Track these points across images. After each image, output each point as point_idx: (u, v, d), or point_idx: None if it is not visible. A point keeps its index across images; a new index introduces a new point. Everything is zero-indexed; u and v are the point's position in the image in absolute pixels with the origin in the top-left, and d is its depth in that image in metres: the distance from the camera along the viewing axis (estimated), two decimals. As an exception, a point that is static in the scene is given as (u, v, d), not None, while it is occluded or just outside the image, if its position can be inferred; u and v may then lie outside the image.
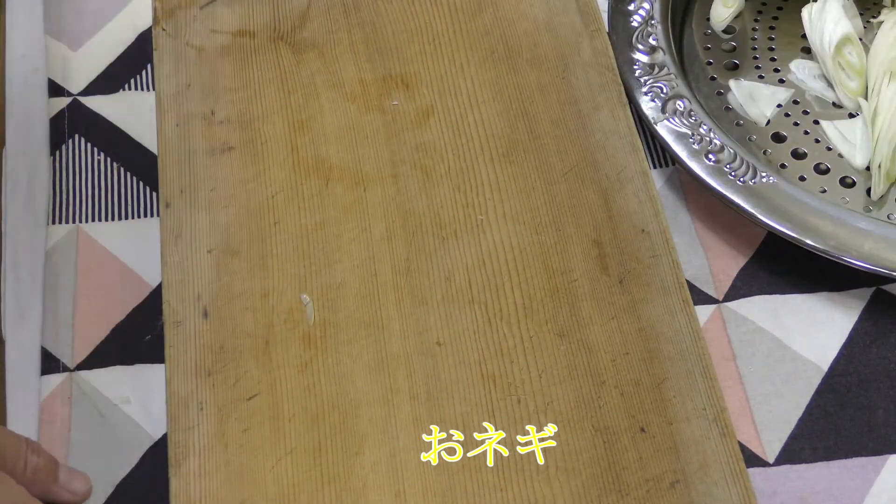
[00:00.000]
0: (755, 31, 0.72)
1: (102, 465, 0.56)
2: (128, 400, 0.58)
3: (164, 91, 0.67)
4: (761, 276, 0.61)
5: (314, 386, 0.56)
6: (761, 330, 0.60)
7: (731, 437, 0.54)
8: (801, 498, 0.54)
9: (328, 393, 0.56)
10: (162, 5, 0.69)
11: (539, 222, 0.61)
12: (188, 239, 0.61)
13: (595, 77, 0.67)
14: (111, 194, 0.64)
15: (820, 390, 0.58)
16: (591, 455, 0.54)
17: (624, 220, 0.61)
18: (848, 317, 0.60)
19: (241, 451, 0.54)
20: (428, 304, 0.59)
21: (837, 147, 0.66)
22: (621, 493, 0.53)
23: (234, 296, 0.59)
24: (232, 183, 0.63)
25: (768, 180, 0.61)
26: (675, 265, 0.59)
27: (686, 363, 0.56)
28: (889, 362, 0.59)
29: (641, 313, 0.58)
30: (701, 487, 0.53)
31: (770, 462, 0.56)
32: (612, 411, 0.55)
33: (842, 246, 0.58)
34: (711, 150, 0.62)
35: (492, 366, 0.57)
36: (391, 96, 0.66)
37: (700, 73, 0.70)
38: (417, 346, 0.57)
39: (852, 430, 0.57)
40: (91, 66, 0.70)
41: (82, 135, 0.66)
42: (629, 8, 0.69)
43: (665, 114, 0.64)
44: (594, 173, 0.63)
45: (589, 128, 0.65)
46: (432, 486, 0.53)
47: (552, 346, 0.57)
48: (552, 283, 0.59)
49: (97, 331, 0.60)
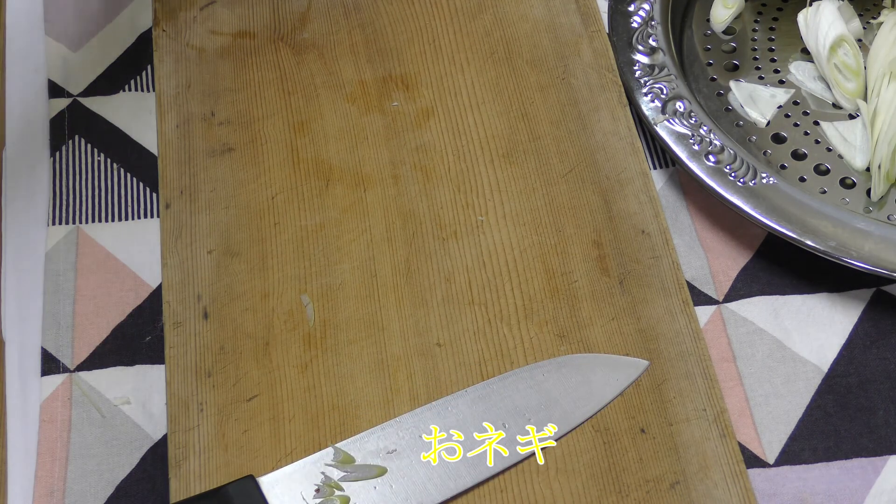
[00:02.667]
0: (755, 32, 0.72)
1: (102, 466, 0.56)
2: (128, 401, 0.58)
3: (164, 92, 0.67)
4: (761, 277, 0.61)
5: (314, 387, 0.56)
6: (761, 331, 0.60)
7: (731, 437, 0.54)
8: (802, 499, 0.54)
9: (328, 394, 0.56)
10: (162, 6, 0.69)
11: (539, 223, 0.61)
12: (188, 240, 0.61)
13: (595, 78, 0.67)
14: (111, 195, 0.64)
15: (820, 391, 0.58)
16: (591, 456, 0.54)
17: (624, 221, 0.61)
18: (848, 318, 0.60)
19: (241, 452, 0.54)
20: (428, 305, 0.59)
21: (837, 148, 0.66)
22: (621, 493, 0.53)
23: (235, 297, 0.59)
24: (232, 184, 0.63)
25: (768, 181, 0.61)
26: (676, 266, 0.59)
27: (686, 364, 0.56)
28: (889, 363, 0.59)
29: (642, 314, 0.58)
30: (701, 488, 0.53)
31: (770, 463, 0.56)
32: (612, 412, 0.55)
33: (842, 247, 0.58)
34: (711, 151, 0.63)
35: (492, 367, 0.57)
36: (391, 97, 0.66)
37: (700, 74, 0.70)
38: (417, 347, 0.57)
39: (852, 430, 0.57)
40: (91, 66, 0.70)
41: (82, 136, 0.66)
42: (629, 9, 0.69)
43: (665, 115, 0.64)
44: (594, 174, 0.63)
45: (589, 129, 0.65)
46: (432, 487, 0.53)
47: (552, 347, 0.57)
48: (552, 283, 0.59)
49: (97, 331, 0.60)
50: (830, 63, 0.67)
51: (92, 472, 0.56)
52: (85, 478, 0.55)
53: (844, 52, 0.67)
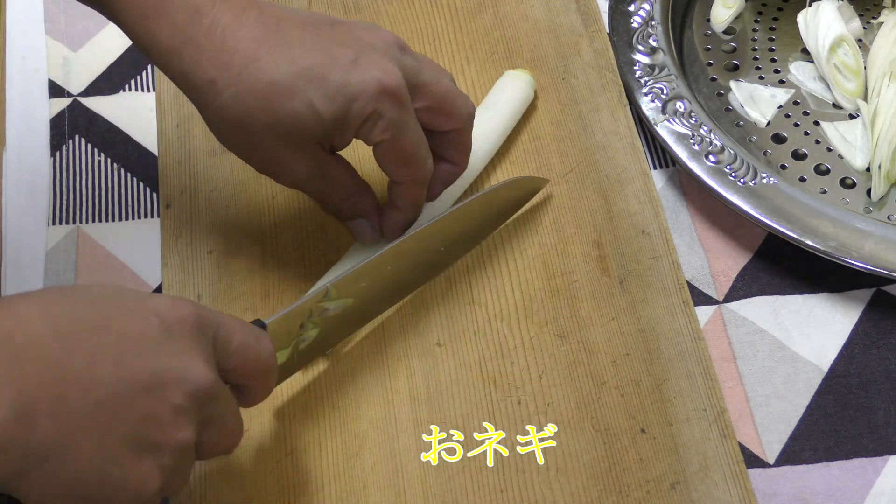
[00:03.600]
0: (755, 32, 0.72)
1: (102, 466, 0.56)
2: (128, 400, 0.58)
3: (164, 91, 0.67)
4: (762, 277, 0.61)
5: (315, 386, 0.56)
6: (761, 331, 0.59)
7: (731, 437, 0.54)
8: (802, 499, 0.54)
9: (328, 393, 0.56)
10: (162, 6, 0.69)
11: (539, 223, 0.61)
12: (188, 239, 0.61)
13: (595, 78, 0.67)
14: (111, 195, 0.64)
15: (820, 391, 0.58)
16: (592, 456, 0.54)
17: (624, 221, 0.61)
18: (848, 318, 0.60)
19: (241, 452, 0.54)
20: (428, 305, 0.59)
21: (838, 148, 0.66)
22: (621, 493, 0.53)
23: (235, 297, 0.59)
24: (232, 184, 0.63)
25: (768, 181, 0.61)
26: (676, 266, 0.59)
27: (686, 364, 0.56)
28: (889, 363, 0.59)
29: (642, 314, 0.58)
30: (701, 488, 0.53)
31: (770, 463, 0.56)
32: (612, 412, 0.55)
33: (842, 247, 0.58)
34: (712, 151, 0.62)
35: (492, 366, 0.57)
36: (391, 97, 0.66)
37: (700, 74, 0.70)
38: (417, 347, 0.57)
39: (852, 431, 0.56)
40: (91, 66, 0.70)
41: (82, 135, 0.66)
42: (629, 9, 0.69)
43: (665, 115, 0.64)
44: (594, 174, 0.63)
45: (589, 129, 0.65)
46: (432, 487, 0.53)
47: (552, 347, 0.57)
48: (552, 283, 0.59)
49: (97, 331, 0.60)
50: (830, 63, 0.67)
51: (92, 471, 0.55)
52: (85, 478, 0.55)
53: (844, 52, 0.67)
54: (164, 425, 0.41)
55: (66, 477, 0.39)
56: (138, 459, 0.41)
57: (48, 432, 0.38)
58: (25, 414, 0.38)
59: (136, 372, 0.41)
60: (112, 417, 0.40)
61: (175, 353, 0.42)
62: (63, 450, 0.39)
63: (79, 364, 0.39)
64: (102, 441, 0.40)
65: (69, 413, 0.39)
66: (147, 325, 0.42)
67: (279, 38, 0.51)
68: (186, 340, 0.43)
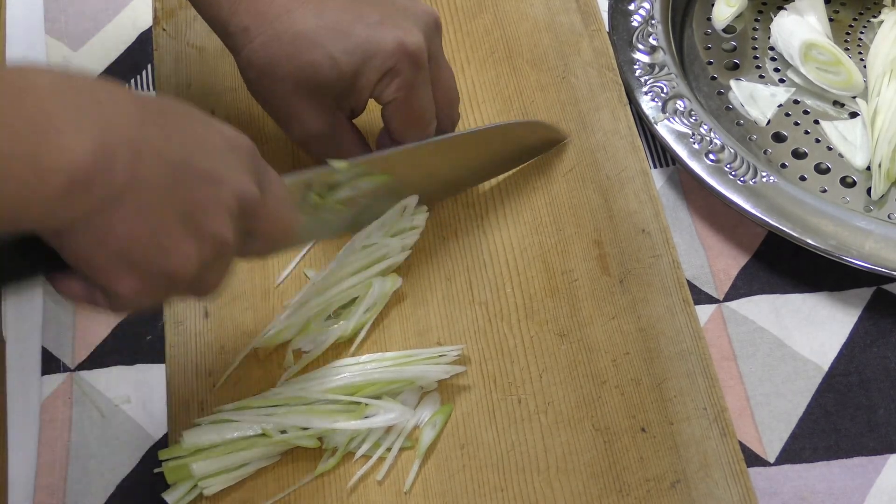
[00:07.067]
0: (756, 31, 0.72)
1: (102, 465, 0.56)
2: (128, 400, 0.58)
3: (164, 91, 0.67)
4: (762, 276, 0.61)
5: (315, 386, 0.56)
6: (762, 329, 0.60)
7: (731, 436, 0.54)
8: (802, 497, 0.54)
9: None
10: (162, 5, 0.69)
11: (539, 222, 0.61)
12: (188, 239, 0.61)
13: (595, 77, 0.67)
14: (111, 194, 0.64)
15: (820, 390, 0.58)
16: (592, 455, 0.54)
17: (624, 220, 0.61)
18: (848, 316, 0.60)
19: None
20: (428, 305, 0.59)
21: (838, 147, 0.66)
22: (622, 492, 0.53)
23: (235, 296, 0.59)
24: (232, 183, 0.63)
25: (769, 180, 0.61)
26: (676, 265, 0.59)
27: (687, 363, 0.56)
28: (889, 362, 0.59)
29: (642, 313, 0.58)
30: (701, 487, 0.53)
31: (770, 462, 0.56)
32: (612, 411, 0.55)
33: (842, 245, 0.58)
34: (712, 150, 0.62)
35: (492, 366, 0.57)
36: (391, 96, 0.66)
37: (700, 73, 0.70)
38: (418, 347, 0.57)
39: (853, 429, 0.56)
40: (91, 66, 0.70)
41: (83, 135, 0.66)
42: (629, 8, 0.69)
43: (665, 113, 0.64)
44: (594, 173, 0.63)
45: (589, 128, 0.65)
46: (432, 486, 0.53)
47: (553, 346, 0.57)
48: (552, 283, 0.59)
49: (97, 331, 0.60)
50: (810, 67, 0.67)
51: (92, 471, 0.56)
52: (85, 477, 0.55)
53: (818, 53, 0.67)
54: (213, 216, 0.43)
55: (121, 234, 0.41)
56: (185, 238, 0.43)
57: (123, 180, 0.40)
58: (105, 157, 0.39)
59: (201, 163, 0.43)
60: (173, 191, 0.42)
61: (233, 165, 0.45)
62: (129, 202, 0.40)
63: (155, 135, 0.41)
64: (162, 208, 0.41)
65: (142, 170, 0.40)
66: (214, 136, 0.45)
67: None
68: (244, 162, 0.46)
